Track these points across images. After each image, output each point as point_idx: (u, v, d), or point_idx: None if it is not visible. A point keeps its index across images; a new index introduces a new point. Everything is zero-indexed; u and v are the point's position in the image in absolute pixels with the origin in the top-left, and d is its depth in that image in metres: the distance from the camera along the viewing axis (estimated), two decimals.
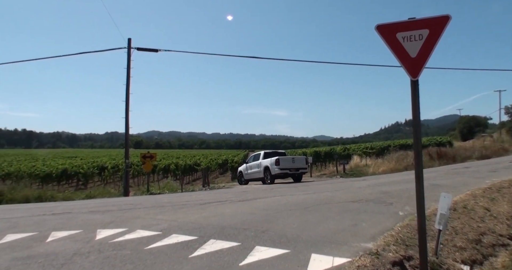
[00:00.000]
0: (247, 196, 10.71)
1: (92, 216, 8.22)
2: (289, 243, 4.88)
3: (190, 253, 4.59)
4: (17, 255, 4.92)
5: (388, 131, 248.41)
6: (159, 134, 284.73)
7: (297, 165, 19.35)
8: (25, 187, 19.75)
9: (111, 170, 31.06)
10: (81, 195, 17.53)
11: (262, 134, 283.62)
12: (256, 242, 4.98)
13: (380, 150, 35.84)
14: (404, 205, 7.71)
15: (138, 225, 6.58)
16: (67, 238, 5.79)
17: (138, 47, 18.78)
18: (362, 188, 11.46)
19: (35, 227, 7.03)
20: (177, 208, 8.82)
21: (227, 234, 5.51)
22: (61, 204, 13.43)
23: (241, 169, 22.80)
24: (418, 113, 3.64)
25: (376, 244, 4.73)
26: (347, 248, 4.62)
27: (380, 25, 3.88)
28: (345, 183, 15.33)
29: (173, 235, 5.59)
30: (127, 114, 18.74)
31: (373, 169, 24.01)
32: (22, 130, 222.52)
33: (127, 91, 18.70)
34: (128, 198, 15.26)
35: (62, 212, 9.28)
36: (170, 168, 31.96)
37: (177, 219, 7.02)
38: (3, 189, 18.33)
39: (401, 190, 10.27)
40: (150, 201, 11.19)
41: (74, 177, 28.92)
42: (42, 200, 16.35)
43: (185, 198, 11.52)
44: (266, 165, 19.44)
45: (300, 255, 4.37)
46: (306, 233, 5.43)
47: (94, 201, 13.85)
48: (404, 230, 5.37)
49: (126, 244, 5.20)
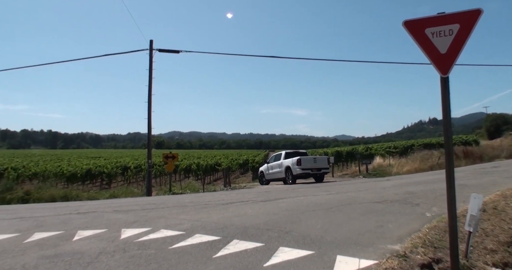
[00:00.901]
0: (269, 196, 10.66)
1: (116, 215, 8.33)
2: (313, 244, 4.81)
3: (214, 253, 4.57)
4: (44, 253, 5.02)
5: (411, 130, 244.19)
6: (180, 134, 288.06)
7: (319, 165, 19.18)
8: (51, 187, 20.22)
9: (134, 170, 31.52)
10: (105, 195, 17.84)
11: (282, 134, 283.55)
12: (280, 242, 4.93)
13: (404, 149, 35.20)
14: (431, 206, 7.52)
15: (161, 224, 6.62)
16: (92, 237, 5.87)
17: (160, 48, 18.98)
18: (386, 189, 11.25)
19: (62, 226, 7.17)
20: (199, 208, 8.85)
21: (250, 234, 5.48)
22: (86, 203, 13.70)
23: (262, 169, 22.76)
24: (449, 111, 3.52)
25: (403, 246, 4.61)
26: (373, 250, 4.52)
27: (407, 21, 3.77)
28: (368, 183, 15.10)
29: (197, 235, 5.60)
30: (149, 115, 18.97)
31: (397, 169, 23.58)
32: (47, 131, 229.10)
33: (149, 92, 18.92)
34: (150, 198, 15.44)
35: (87, 211, 9.45)
36: (191, 168, 32.21)
37: (200, 219, 7.03)
38: (30, 189, 18.84)
39: (427, 190, 10.03)
40: (172, 201, 11.29)
41: (98, 177, 29.46)
42: (68, 199, 16.72)
43: (207, 198, 11.57)
44: (288, 165, 19.34)
45: (325, 257, 4.29)
46: (330, 234, 5.35)
47: (117, 201, 14.07)
48: (432, 232, 5.22)
49: (150, 244, 5.23)
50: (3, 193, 17.76)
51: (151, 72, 18.90)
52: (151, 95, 18.92)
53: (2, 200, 16.91)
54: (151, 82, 18.94)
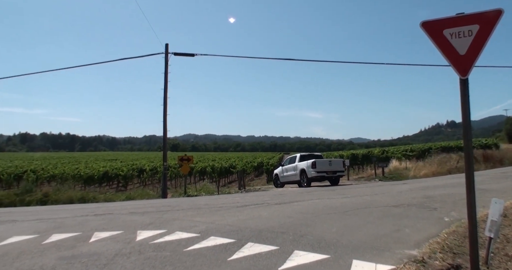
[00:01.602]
0: (283, 199, 10.62)
1: (132, 217, 8.40)
2: (328, 248, 4.76)
3: (228, 256, 4.56)
4: (62, 254, 5.08)
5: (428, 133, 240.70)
6: (195, 137, 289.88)
7: (334, 168, 19.03)
8: (69, 189, 20.59)
9: (149, 172, 31.80)
10: (121, 197, 18.05)
11: (297, 137, 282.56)
12: (295, 246, 4.89)
13: (421, 152, 34.66)
14: (449, 210, 7.38)
15: (176, 226, 6.65)
16: (108, 239, 5.93)
17: (175, 52, 19.16)
18: (403, 192, 11.09)
19: (79, 227, 7.27)
20: (214, 210, 8.87)
21: (265, 237, 5.46)
22: (102, 205, 13.87)
23: (277, 172, 22.70)
24: (468, 113, 3.44)
25: (421, 251, 4.52)
26: (390, 255, 4.44)
27: (425, 22, 3.71)
28: (384, 186, 14.90)
29: (211, 237, 5.60)
30: (165, 117, 19.13)
31: (414, 173, 23.20)
32: (65, 134, 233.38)
33: (165, 95, 19.09)
34: (166, 200, 15.55)
35: (103, 213, 9.56)
36: (206, 171, 32.32)
37: (215, 221, 7.04)
38: (49, 191, 19.20)
39: (445, 194, 9.85)
40: (187, 203, 11.34)
41: (115, 179, 29.82)
42: (85, 201, 16.97)
43: (222, 201, 11.59)
44: (303, 168, 19.24)
45: (340, 261, 4.24)
46: (346, 238, 5.29)
47: (133, 203, 14.21)
48: (450, 237, 5.11)
49: (165, 246, 5.25)
50: (22, 195, 18.16)
51: (167, 76, 19.07)
52: (166, 98, 19.09)
53: (22, 201, 17.28)
54: (166, 85, 19.11)
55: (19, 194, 18.48)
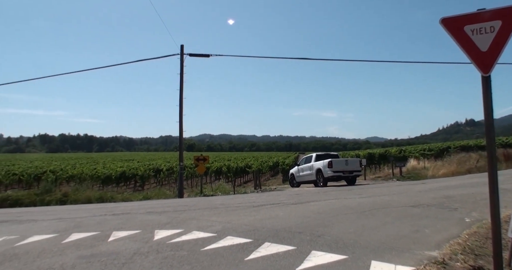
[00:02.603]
0: (300, 199, 10.57)
1: (150, 216, 8.48)
2: (346, 249, 4.71)
3: (245, 256, 4.55)
4: (81, 253, 5.16)
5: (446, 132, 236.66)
6: (210, 137, 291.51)
7: (351, 168, 18.86)
8: (88, 189, 20.88)
9: (166, 172, 32.06)
10: (139, 196, 18.24)
11: (312, 136, 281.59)
12: (312, 246, 4.85)
13: (439, 151, 34.09)
14: (470, 210, 7.22)
15: (193, 226, 6.68)
16: (127, 238, 5.99)
17: (190, 53, 19.25)
18: (422, 192, 10.90)
19: (97, 226, 7.37)
20: (230, 210, 8.88)
21: (282, 237, 5.43)
22: (120, 204, 14.05)
23: (293, 171, 22.62)
24: (491, 111, 3.35)
25: (441, 253, 4.43)
26: (409, 256, 4.37)
27: (445, 18, 3.63)
28: (402, 186, 14.69)
29: (228, 237, 5.60)
30: (180, 118, 19.25)
31: (433, 172, 22.83)
32: (84, 135, 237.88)
33: (181, 96, 19.21)
34: (182, 200, 15.65)
35: (121, 212, 9.68)
36: (222, 170, 32.42)
37: (231, 221, 7.05)
38: (68, 191, 19.54)
39: (465, 194, 9.65)
40: (204, 203, 11.39)
41: (132, 179, 30.15)
42: (103, 200, 17.21)
43: (238, 200, 11.60)
44: (319, 167, 19.13)
45: (359, 262, 4.18)
46: (364, 239, 5.22)
47: (150, 202, 14.35)
48: (472, 238, 5.00)
49: (183, 245, 5.28)
50: (42, 195, 18.51)
51: (182, 76, 19.19)
52: (182, 98, 19.21)
53: (42, 201, 17.63)
54: (182, 86, 19.23)
55: (39, 194, 18.85)
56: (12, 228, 8.04)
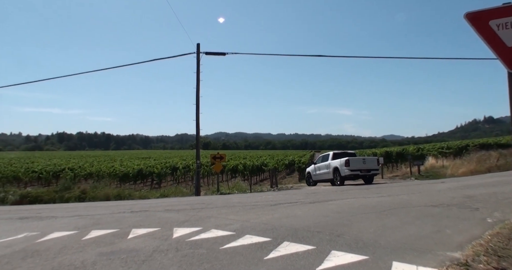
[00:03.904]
0: (317, 198, 10.50)
1: (168, 214, 8.54)
2: (366, 249, 4.64)
3: (265, 255, 4.53)
4: (101, 250, 5.22)
5: (464, 130, 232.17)
6: (226, 135, 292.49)
7: (368, 166, 18.67)
8: (106, 186, 21.21)
9: (182, 170, 32.30)
10: (156, 194, 18.43)
11: (328, 134, 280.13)
12: (332, 246, 4.80)
13: (458, 150, 33.49)
14: (492, 211, 7.05)
15: (212, 224, 6.70)
16: (146, 236, 6.04)
17: (207, 51, 19.31)
18: (441, 191, 10.72)
19: (116, 224, 7.45)
20: (248, 208, 8.88)
21: (301, 236, 5.39)
22: (138, 202, 14.20)
23: (309, 170, 22.53)
24: None
25: (464, 254, 4.33)
26: (431, 257, 4.28)
27: (469, 13, 3.53)
28: (421, 185, 14.47)
29: (247, 235, 5.59)
30: (197, 116, 19.34)
31: (452, 171, 22.43)
32: (101, 133, 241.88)
33: (197, 94, 19.29)
34: (199, 198, 15.74)
35: (139, 210, 9.78)
36: (238, 169, 32.50)
37: (249, 219, 7.04)
38: (86, 188, 19.86)
39: (486, 194, 9.44)
40: (221, 201, 11.42)
41: (149, 176, 30.46)
42: (121, 198, 17.45)
43: (255, 199, 11.59)
44: (336, 166, 18.99)
45: (380, 262, 4.12)
46: (384, 239, 5.14)
47: (168, 200, 14.48)
48: (494, 239, 4.87)
49: (202, 243, 5.29)
50: (61, 192, 18.87)
51: (199, 75, 19.26)
52: (199, 97, 19.29)
53: (61, 198, 17.97)
54: (198, 84, 19.31)
55: (58, 191, 19.21)
56: (33, 225, 8.21)
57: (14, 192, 19.92)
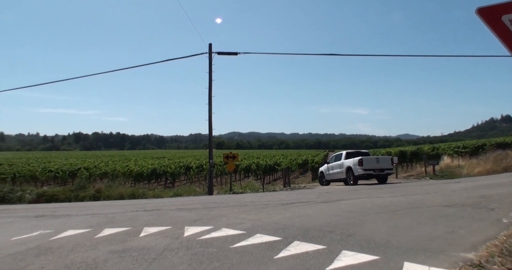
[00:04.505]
0: (330, 197, 10.44)
1: (180, 213, 8.60)
2: (378, 249, 4.59)
3: (275, 254, 4.52)
4: (113, 248, 5.28)
5: (481, 129, 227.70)
6: (239, 135, 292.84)
7: (382, 166, 18.48)
8: (120, 185, 21.46)
9: (196, 170, 32.47)
10: (169, 193, 18.57)
11: (342, 134, 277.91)
12: (343, 246, 4.77)
13: (474, 149, 32.88)
14: (508, 211, 6.90)
15: (223, 223, 6.71)
16: (157, 234, 6.09)
17: (219, 51, 19.37)
18: (456, 191, 10.54)
19: (129, 222, 7.53)
20: (259, 207, 8.88)
21: (312, 236, 5.37)
22: (151, 201, 14.33)
23: (322, 169, 22.41)
24: None
25: (478, 255, 4.24)
26: (444, 258, 4.21)
27: (481, 8, 3.45)
28: (436, 185, 14.26)
29: (257, 235, 5.59)
30: (210, 116, 19.42)
31: (467, 171, 22.04)
32: (116, 133, 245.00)
33: (210, 94, 19.37)
34: (212, 197, 15.80)
35: (152, 209, 9.86)
36: (251, 168, 32.52)
37: (261, 219, 7.03)
38: (101, 187, 20.13)
39: (503, 194, 9.26)
40: (233, 200, 11.44)
41: (163, 176, 30.71)
42: (135, 197, 17.63)
43: (267, 198, 11.58)
44: (349, 165, 18.86)
45: (391, 263, 4.07)
46: (396, 239, 5.08)
47: (181, 199, 14.58)
48: (510, 240, 4.76)
49: (212, 242, 5.31)
50: (77, 191, 19.17)
51: (211, 75, 19.34)
52: (211, 97, 19.37)
53: (76, 197, 18.26)
54: (211, 84, 19.39)
55: (73, 190, 19.53)
56: (48, 223, 8.35)
57: (31, 191, 20.30)
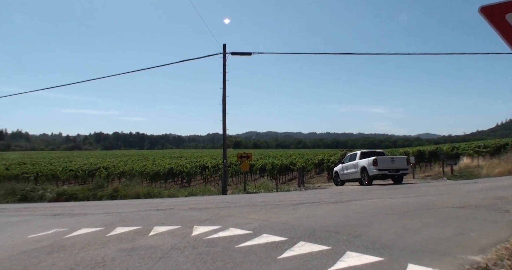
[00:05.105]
0: (341, 198, 10.38)
1: (191, 213, 8.69)
2: (383, 250, 4.56)
3: (278, 254, 4.54)
4: (122, 246, 5.39)
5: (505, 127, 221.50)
6: (256, 134, 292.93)
7: (397, 166, 18.23)
8: (137, 185, 21.80)
9: (211, 169, 32.67)
10: (184, 193, 18.76)
11: (361, 133, 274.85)
12: (348, 247, 4.75)
13: (496, 149, 32.04)
14: None
15: (231, 223, 6.76)
16: (166, 233, 6.19)
17: (233, 52, 19.45)
18: (472, 192, 10.33)
19: (141, 221, 7.66)
20: (269, 208, 8.89)
21: (318, 236, 5.36)
22: (166, 200, 14.51)
23: (337, 169, 22.28)
24: None
25: (486, 258, 4.16)
26: (450, 260, 4.15)
27: (484, 6, 3.39)
28: (452, 186, 14.00)
29: (264, 235, 5.61)
30: (224, 116, 19.53)
31: (487, 171, 21.53)
32: (135, 133, 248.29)
33: (224, 94, 19.48)
34: (225, 196, 15.90)
35: (165, 208, 9.99)
36: (266, 168, 32.54)
37: (269, 219, 7.05)
38: (118, 186, 20.49)
39: None
40: (245, 200, 11.48)
41: (179, 175, 31.00)
42: (151, 196, 17.87)
43: (279, 198, 11.59)
44: (363, 165, 18.68)
45: (395, 265, 4.04)
46: (403, 240, 5.03)
47: (194, 199, 14.72)
48: None
49: (218, 242, 5.36)
50: (95, 190, 19.56)
51: (225, 75, 19.44)
52: (225, 97, 19.48)
53: (94, 196, 18.64)
54: (225, 85, 19.49)
55: (92, 189, 19.93)
56: (64, 221, 8.57)
57: (52, 190, 20.82)
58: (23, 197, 19.34)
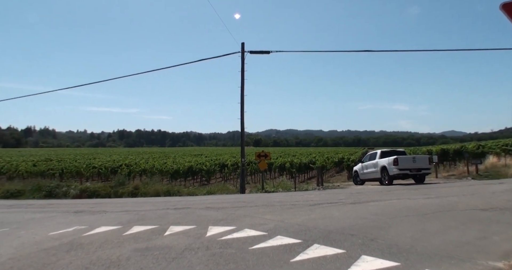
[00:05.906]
0: (360, 198, 10.21)
1: (207, 212, 8.71)
2: (400, 255, 4.44)
3: (292, 257, 4.48)
4: (138, 246, 5.43)
5: None
6: (277, 132, 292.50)
7: (419, 165, 17.81)
8: (157, 182, 22.01)
9: (231, 168, 32.71)
10: (203, 191, 18.84)
11: (383, 131, 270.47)
12: (363, 250, 4.64)
13: None
14: None
15: (246, 224, 6.74)
16: (181, 233, 6.21)
17: (251, 50, 19.38)
18: (496, 193, 10.00)
19: (158, 220, 7.72)
20: (286, 208, 8.82)
21: (333, 239, 5.27)
22: (183, 199, 14.61)
23: (357, 168, 21.96)
24: None
25: (507, 264, 4.01)
26: (470, 266, 4.00)
27: (506, 3, 3.24)
28: (476, 186, 13.59)
29: (278, 236, 5.56)
30: (242, 115, 19.49)
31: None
32: (157, 130, 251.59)
33: (242, 93, 19.44)
34: (243, 196, 15.89)
35: (182, 207, 10.06)
36: (285, 166, 32.36)
37: (284, 219, 6.99)
38: (139, 184, 20.76)
39: None
40: (262, 200, 11.44)
41: (198, 173, 31.15)
42: (170, 194, 18.02)
43: (296, 198, 11.50)
44: (383, 165, 18.33)
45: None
46: (421, 244, 4.89)
47: (212, 197, 14.76)
48: None
49: (232, 243, 5.34)
50: (116, 187, 19.87)
51: (243, 74, 19.39)
52: (243, 96, 19.43)
53: (115, 193, 18.93)
54: (243, 83, 19.45)
55: (113, 187, 20.25)
56: (84, 219, 8.73)
57: (75, 186, 21.25)
58: (48, 193, 19.82)
